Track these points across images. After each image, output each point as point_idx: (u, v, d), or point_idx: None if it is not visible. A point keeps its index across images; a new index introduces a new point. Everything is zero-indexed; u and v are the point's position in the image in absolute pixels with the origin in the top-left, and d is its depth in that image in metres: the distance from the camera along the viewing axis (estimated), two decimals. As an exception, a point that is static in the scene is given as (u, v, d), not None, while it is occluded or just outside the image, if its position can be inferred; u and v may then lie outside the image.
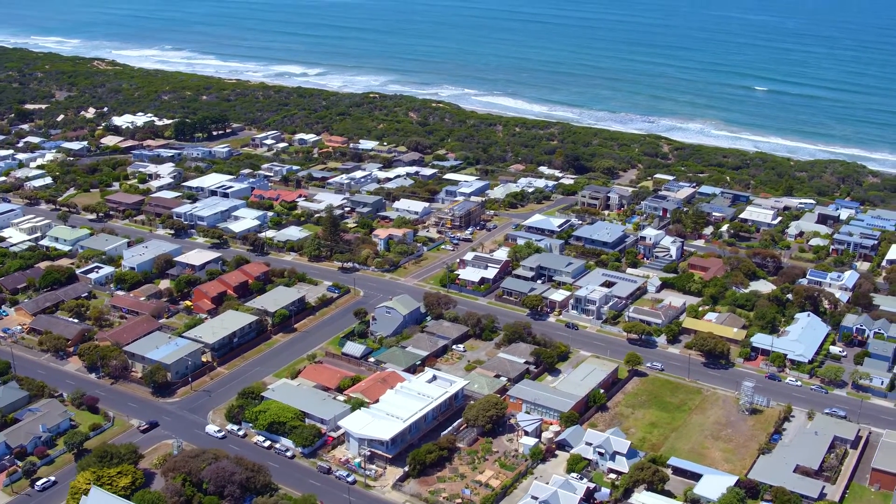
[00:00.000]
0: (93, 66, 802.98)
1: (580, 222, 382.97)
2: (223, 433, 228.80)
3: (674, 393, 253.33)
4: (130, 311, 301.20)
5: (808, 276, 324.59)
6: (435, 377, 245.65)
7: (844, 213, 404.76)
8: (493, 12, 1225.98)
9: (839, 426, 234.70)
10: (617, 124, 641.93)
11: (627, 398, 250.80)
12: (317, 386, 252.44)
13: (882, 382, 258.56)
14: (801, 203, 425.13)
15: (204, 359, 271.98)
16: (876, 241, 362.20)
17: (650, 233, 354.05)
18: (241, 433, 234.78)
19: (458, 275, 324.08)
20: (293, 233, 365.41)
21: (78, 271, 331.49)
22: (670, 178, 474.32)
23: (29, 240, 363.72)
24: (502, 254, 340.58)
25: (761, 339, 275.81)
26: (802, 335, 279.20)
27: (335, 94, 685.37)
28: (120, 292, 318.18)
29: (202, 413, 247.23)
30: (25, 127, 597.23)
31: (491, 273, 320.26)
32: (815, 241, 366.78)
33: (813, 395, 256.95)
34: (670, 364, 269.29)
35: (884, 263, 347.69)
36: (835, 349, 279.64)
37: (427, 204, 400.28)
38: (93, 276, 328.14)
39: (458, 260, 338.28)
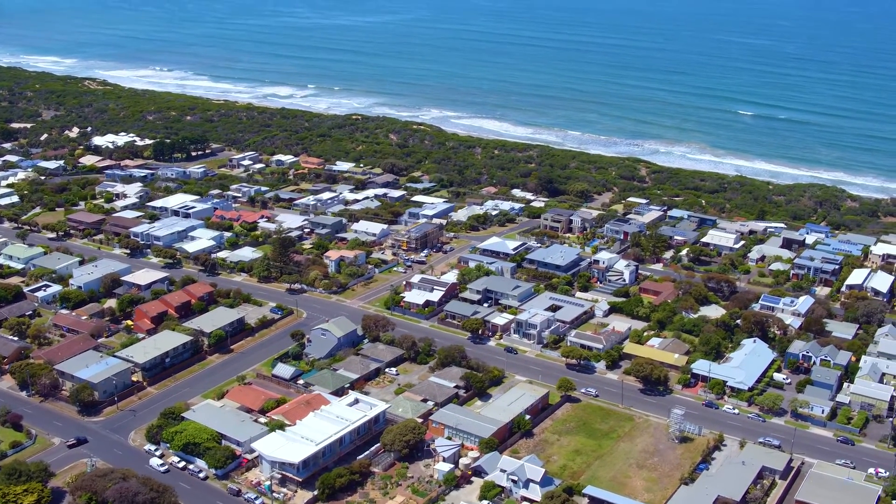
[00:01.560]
0: (83, 85, 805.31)
1: (539, 245, 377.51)
2: (167, 467, 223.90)
3: (604, 419, 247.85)
4: (71, 330, 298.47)
5: (760, 302, 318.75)
6: (357, 400, 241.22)
7: (811, 238, 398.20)
8: (489, 35, 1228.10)
9: (769, 456, 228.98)
10: (601, 147, 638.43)
11: (556, 424, 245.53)
12: (241, 407, 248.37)
13: (823, 411, 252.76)
14: (769, 227, 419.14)
15: (134, 378, 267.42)
16: (837, 266, 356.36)
17: (604, 256, 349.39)
18: (158, 453, 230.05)
19: (403, 297, 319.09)
20: (246, 253, 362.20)
21: (26, 289, 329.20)
22: (643, 201, 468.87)
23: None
24: (452, 276, 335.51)
25: (702, 366, 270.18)
26: (745, 362, 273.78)
27: (318, 116, 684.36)
28: (64, 311, 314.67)
29: (124, 433, 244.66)
30: (7, 146, 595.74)
31: (436, 296, 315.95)
32: (775, 266, 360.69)
33: (750, 423, 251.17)
34: (606, 390, 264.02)
35: (843, 289, 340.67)
36: (779, 376, 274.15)
37: (385, 226, 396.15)
38: (40, 294, 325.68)
39: (404, 282, 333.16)
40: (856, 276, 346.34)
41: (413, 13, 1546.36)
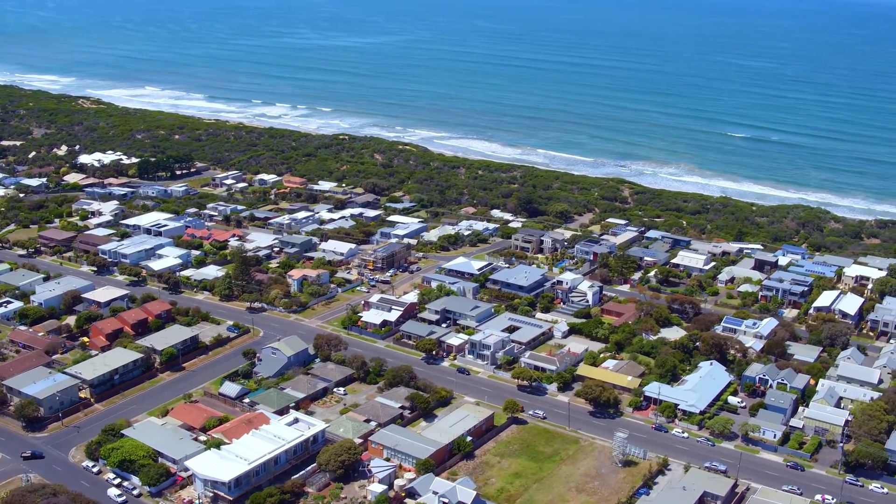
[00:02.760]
0: (77, 104, 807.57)
1: (506, 266, 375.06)
2: (124, 498, 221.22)
3: (549, 442, 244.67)
4: (27, 346, 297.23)
5: (722, 324, 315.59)
6: (297, 420, 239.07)
7: (785, 260, 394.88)
8: (487, 57, 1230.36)
9: (712, 481, 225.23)
10: (588, 168, 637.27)
11: (499, 446, 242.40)
12: (182, 425, 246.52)
13: (774, 435, 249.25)
14: (746, 248, 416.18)
15: (83, 395, 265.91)
16: (807, 288, 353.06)
17: (567, 277, 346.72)
18: (95, 470, 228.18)
19: (361, 317, 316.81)
20: (211, 272, 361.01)
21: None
22: (622, 222, 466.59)
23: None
24: (413, 296, 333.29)
25: (655, 389, 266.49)
26: (699, 385, 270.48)
27: (305, 136, 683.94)
28: (22, 327, 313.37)
29: (65, 449, 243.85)
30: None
31: (394, 316, 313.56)
32: (744, 288, 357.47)
33: (698, 447, 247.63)
34: (556, 412, 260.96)
35: (811, 311, 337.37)
36: (734, 400, 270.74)
37: (354, 245, 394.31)
38: (0, 310, 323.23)
39: (362, 302, 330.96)
40: (824, 299, 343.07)
41: (413, 34, 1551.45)
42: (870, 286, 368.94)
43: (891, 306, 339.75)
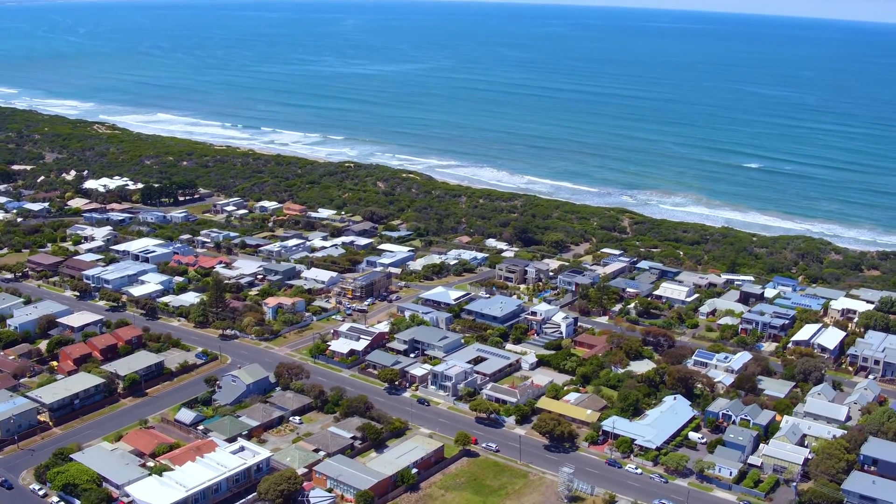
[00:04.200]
0: (92, 129, 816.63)
1: (487, 296, 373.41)
2: None
3: (497, 476, 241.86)
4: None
5: (694, 357, 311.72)
6: (243, 448, 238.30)
7: (772, 291, 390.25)
8: (505, 85, 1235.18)
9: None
10: (593, 198, 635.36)
11: (445, 479, 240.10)
12: (133, 451, 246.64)
13: (731, 473, 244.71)
14: (737, 280, 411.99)
15: (42, 419, 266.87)
16: (787, 321, 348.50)
17: (541, 308, 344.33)
18: (41, 493, 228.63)
19: (329, 346, 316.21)
20: (189, 298, 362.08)
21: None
22: (617, 252, 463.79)
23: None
24: (386, 326, 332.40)
25: (612, 423, 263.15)
26: (658, 419, 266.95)
27: (311, 163, 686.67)
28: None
29: (17, 472, 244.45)
30: (2, 187, 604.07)
31: (362, 345, 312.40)
32: (724, 320, 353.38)
33: (650, 484, 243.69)
34: (509, 445, 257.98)
35: (790, 345, 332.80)
36: (695, 435, 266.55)
37: (335, 274, 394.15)
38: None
39: (332, 331, 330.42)
40: (804, 332, 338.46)
41: (436, 63, 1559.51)
42: (855, 319, 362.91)
43: (872, 341, 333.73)
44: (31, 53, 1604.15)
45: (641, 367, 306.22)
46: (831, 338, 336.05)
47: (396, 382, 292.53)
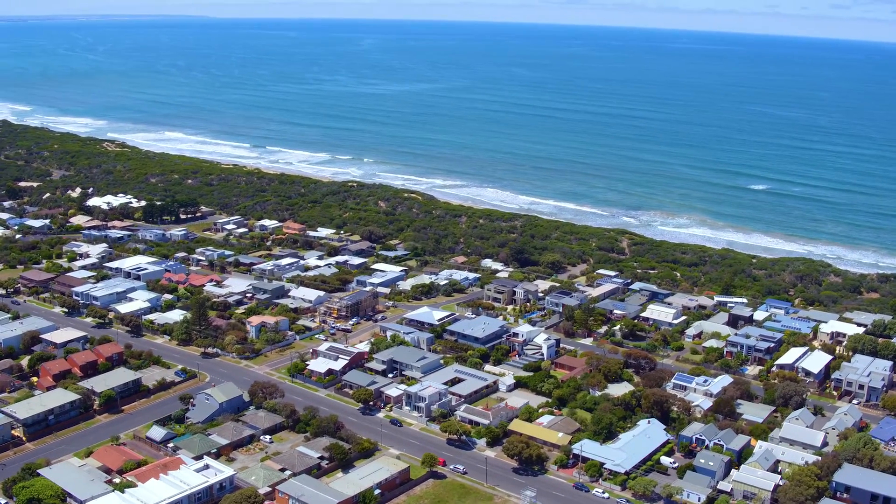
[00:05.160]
0: (101, 147, 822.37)
1: (472, 317, 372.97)
2: None
3: (462, 498, 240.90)
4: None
5: (673, 381, 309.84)
6: (207, 466, 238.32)
7: (762, 314, 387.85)
8: (516, 106, 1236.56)
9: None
10: (596, 219, 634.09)
11: (410, 500, 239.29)
12: (101, 467, 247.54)
13: (699, 499, 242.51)
14: (731, 302, 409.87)
15: (15, 433, 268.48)
16: (773, 345, 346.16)
17: (523, 329, 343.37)
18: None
19: (307, 365, 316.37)
20: (174, 316, 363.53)
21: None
22: (613, 273, 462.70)
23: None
24: (366, 346, 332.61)
25: (584, 447, 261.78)
26: (630, 443, 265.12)
27: (315, 182, 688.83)
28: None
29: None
30: (6, 204, 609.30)
31: (340, 364, 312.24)
32: (710, 343, 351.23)
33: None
34: (478, 467, 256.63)
35: (774, 368, 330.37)
36: (666, 460, 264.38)
37: (322, 293, 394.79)
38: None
39: (311, 350, 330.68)
40: (789, 356, 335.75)
41: (449, 82, 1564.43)
42: (844, 343, 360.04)
43: (858, 365, 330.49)
44: (47, 71, 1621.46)
45: (620, 389, 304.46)
46: (816, 362, 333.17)
47: (371, 403, 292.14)
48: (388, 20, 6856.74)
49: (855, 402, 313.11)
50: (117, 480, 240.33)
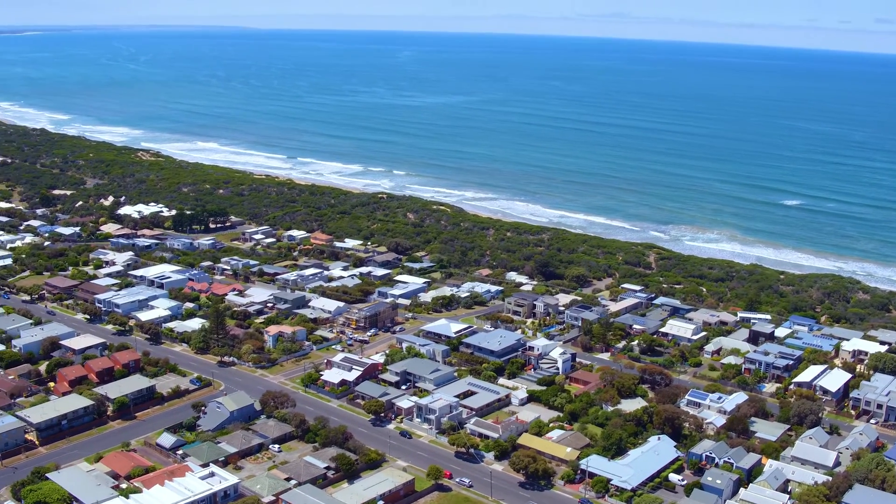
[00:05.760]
0: (135, 156, 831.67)
1: (490, 329, 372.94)
2: None
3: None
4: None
5: (687, 397, 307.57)
6: (213, 474, 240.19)
7: (784, 331, 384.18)
8: (551, 119, 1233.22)
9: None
10: (625, 233, 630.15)
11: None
12: (110, 472, 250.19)
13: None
14: (755, 318, 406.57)
15: (29, 437, 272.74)
16: (792, 362, 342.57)
17: (539, 343, 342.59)
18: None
19: (321, 375, 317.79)
20: (193, 325, 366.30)
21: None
22: (638, 288, 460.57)
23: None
24: (381, 357, 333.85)
25: (591, 462, 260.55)
26: (638, 460, 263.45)
27: (345, 194, 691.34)
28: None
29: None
30: (40, 211, 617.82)
31: (353, 375, 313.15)
32: (728, 360, 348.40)
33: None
34: (485, 481, 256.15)
35: (791, 386, 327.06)
36: (675, 477, 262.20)
37: (342, 304, 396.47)
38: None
39: (325, 360, 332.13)
40: (807, 374, 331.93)
41: (485, 95, 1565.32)
42: (865, 361, 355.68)
43: (878, 384, 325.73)
44: (87, 80, 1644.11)
45: (633, 405, 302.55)
46: (835, 380, 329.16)
47: (382, 414, 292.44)
48: (426, 32, 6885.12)
49: (873, 421, 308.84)
50: (124, 486, 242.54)
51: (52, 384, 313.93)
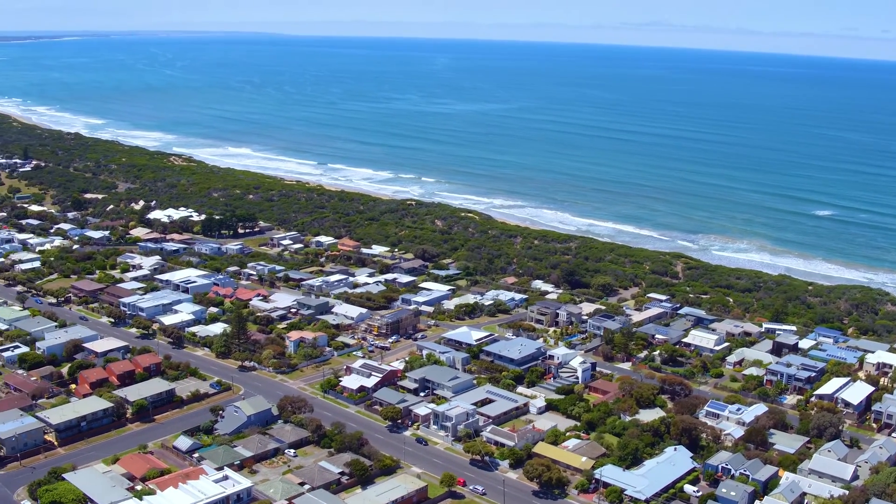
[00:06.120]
0: (168, 161, 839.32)
1: (511, 337, 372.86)
2: None
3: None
4: (17, 389, 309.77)
5: (706, 408, 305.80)
6: (226, 477, 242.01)
7: (808, 342, 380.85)
8: (584, 128, 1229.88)
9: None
10: (654, 242, 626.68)
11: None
12: (125, 474, 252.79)
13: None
14: (780, 329, 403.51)
15: (48, 438, 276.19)
16: (814, 374, 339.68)
17: (559, 352, 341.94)
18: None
19: (340, 381, 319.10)
20: (216, 329, 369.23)
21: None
22: (663, 297, 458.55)
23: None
24: (401, 364, 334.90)
25: (606, 472, 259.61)
26: (653, 470, 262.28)
27: (374, 200, 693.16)
28: (20, 371, 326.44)
29: (14, 487, 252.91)
30: (70, 215, 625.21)
31: (372, 382, 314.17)
32: (750, 371, 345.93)
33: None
34: (498, 489, 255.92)
35: (812, 398, 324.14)
36: (690, 489, 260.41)
37: (365, 310, 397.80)
38: (6, 354, 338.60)
39: (344, 367, 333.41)
40: (829, 386, 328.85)
41: (519, 102, 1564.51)
42: (889, 374, 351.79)
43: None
44: (123, 85, 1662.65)
45: (651, 415, 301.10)
46: (857, 392, 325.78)
47: (399, 420, 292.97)
48: (464, 39, 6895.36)
49: (894, 435, 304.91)
50: (139, 488, 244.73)
51: (73, 386, 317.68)
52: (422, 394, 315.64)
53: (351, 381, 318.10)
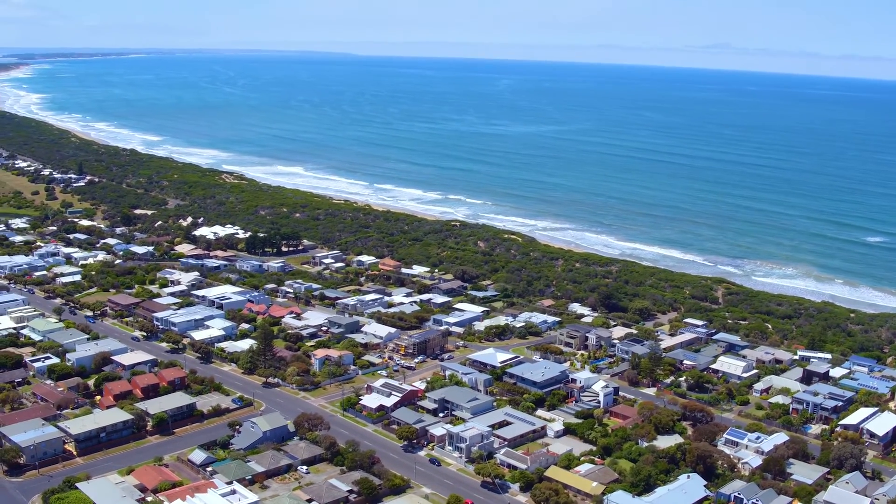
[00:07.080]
0: (219, 178, 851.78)
1: (537, 360, 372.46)
2: None
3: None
4: (44, 399, 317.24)
5: (725, 436, 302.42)
6: (234, 492, 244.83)
7: (840, 371, 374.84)
8: (638, 151, 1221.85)
9: None
10: (700, 267, 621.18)
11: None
12: (138, 485, 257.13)
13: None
14: (815, 357, 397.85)
15: (67, 448, 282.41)
16: (842, 403, 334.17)
17: (581, 376, 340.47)
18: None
19: (360, 400, 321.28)
20: (244, 345, 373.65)
21: (28, 359, 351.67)
22: (701, 323, 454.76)
23: (13, 327, 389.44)
24: (423, 384, 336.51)
25: (615, 498, 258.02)
26: (665, 497, 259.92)
27: (419, 220, 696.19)
28: (48, 381, 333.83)
29: (29, 495, 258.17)
30: (118, 230, 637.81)
31: (392, 401, 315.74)
32: (776, 399, 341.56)
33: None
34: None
35: (838, 428, 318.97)
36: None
37: (394, 330, 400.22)
38: (38, 364, 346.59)
39: (365, 385, 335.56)
40: (854, 416, 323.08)
41: (575, 124, 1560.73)
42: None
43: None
44: (181, 103, 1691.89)
45: (669, 442, 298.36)
46: (884, 423, 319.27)
47: (415, 440, 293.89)
48: (528, 61, 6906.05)
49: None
50: (150, 499, 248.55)
51: (98, 398, 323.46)
52: (441, 414, 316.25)
53: (371, 400, 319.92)
